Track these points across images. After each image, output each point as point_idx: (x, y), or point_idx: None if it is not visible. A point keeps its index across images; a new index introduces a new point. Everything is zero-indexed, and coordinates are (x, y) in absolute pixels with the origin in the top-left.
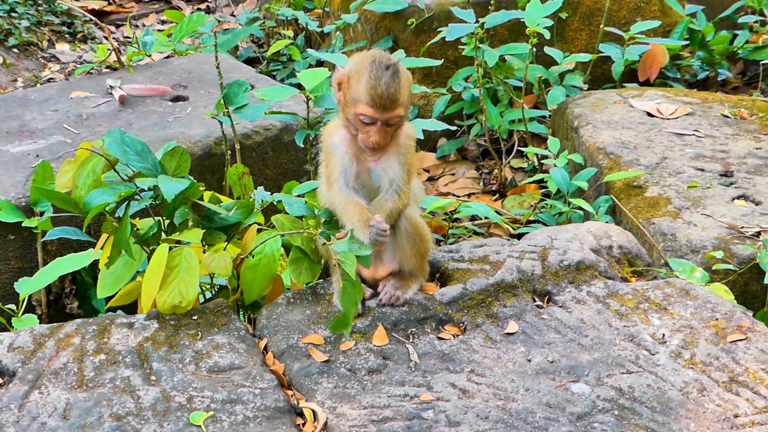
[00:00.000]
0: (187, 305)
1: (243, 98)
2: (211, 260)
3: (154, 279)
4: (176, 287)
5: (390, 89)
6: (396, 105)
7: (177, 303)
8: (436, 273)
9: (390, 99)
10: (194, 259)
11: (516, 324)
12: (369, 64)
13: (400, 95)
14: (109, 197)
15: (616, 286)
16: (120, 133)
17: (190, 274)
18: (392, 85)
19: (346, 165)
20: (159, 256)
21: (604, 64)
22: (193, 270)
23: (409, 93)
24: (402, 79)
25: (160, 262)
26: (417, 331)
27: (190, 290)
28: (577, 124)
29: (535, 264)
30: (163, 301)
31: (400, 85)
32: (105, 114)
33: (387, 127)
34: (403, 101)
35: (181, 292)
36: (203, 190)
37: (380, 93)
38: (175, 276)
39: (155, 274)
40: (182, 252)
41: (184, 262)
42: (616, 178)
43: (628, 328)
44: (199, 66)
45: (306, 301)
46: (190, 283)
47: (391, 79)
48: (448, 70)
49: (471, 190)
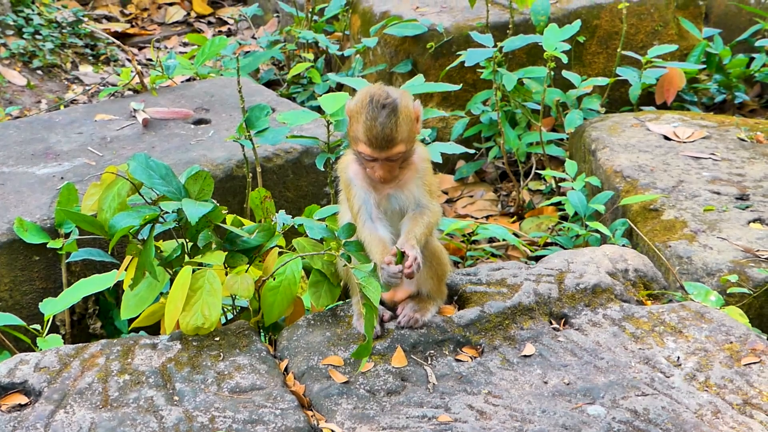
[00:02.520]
0: (209, 327)
1: (264, 122)
2: (233, 282)
3: (178, 300)
4: (199, 309)
5: (386, 129)
6: (394, 143)
7: (200, 324)
8: (454, 295)
9: (386, 139)
10: (217, 281)
11: (533, 346)
12: (366, 104)
13: (398, 133)
14: (133, 220)
15: (632, 309)
16: (145, 158)
17: (212, 296)
18: (388, 124)
19: (365, 197)
20: (182, 278)
21: (621, 87)
22: (216, 292)
23: (411, 127)
24: (400, 116)
25: (184, 283)
26: (435, 353)
27: (212, 312)
28: (595, 147)
29: (552, 287)
30: (186, 323)
31: (398, 123)
32: (128, 137)
33: (390, 162)
34: (402, 138)
35: (204, 314)
36: (226, 213)
37: (376, 134)
38: (198, 298)
39: (178, 295)
40: (205, 274)
41: (207, 284)
42: (633, 202)
43: (643, 351)
44: (221, 89)
45: (326, 323)
46: (213, 305)
47: (387, 119)
48: (467, 93)
49: (489, 212)
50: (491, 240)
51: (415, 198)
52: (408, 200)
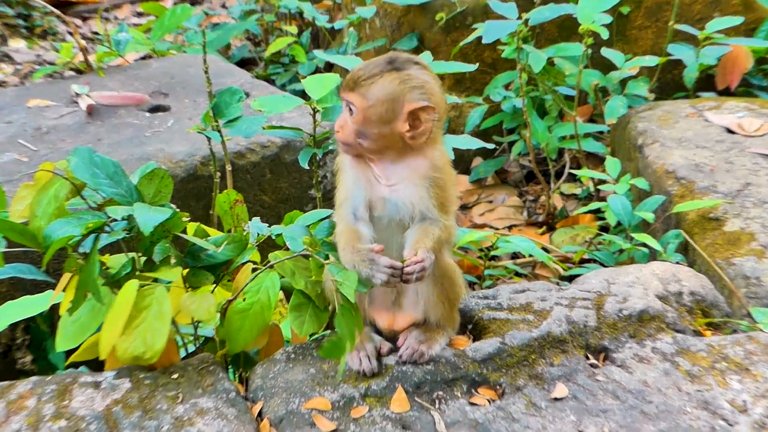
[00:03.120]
0: (151, 357)
1: (236, 109)
2: (191, 302)
3: (118, 321)
4: (141, 334)
5: (359, 71)
6: (356, 87)
7: (139, 353)
8: (468, 324)
9: (352, 78)
10: (166, 302)
11: (565, 387)
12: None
13: (368, 87)
14: (74, 229)
15: (687, 341)
16: (89, 152)
17: (159, 320)
18: (367, 69)
19: (354, 190)
20: (126, 294)
21: (674, 69)
22: (164, 315)
23: (391, 105)
24: (388, 82)
25: (127, 301)
26: (445, 395)
27: (157, 339)
28: (642, 141)
29: (589, 313)
30: (124, 349)
31: (376, 79)
32: (69, 127)
33: (349, 111)
34: (368, 92)
35: (146, 341)
36: (187, 221)
37: (351, 73)
38: (143, 320)
39: (119, 315)
40: (154, 292)
41: (155, 305)
42: (689, 209)
43: (701, 393)
44: (183, 69)
45: (310, 356)
46: (158, 331)
47: (375, 67)
48: (485, 76)
49: (512, 221)
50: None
51: (420, 210)
52: (410, 209)
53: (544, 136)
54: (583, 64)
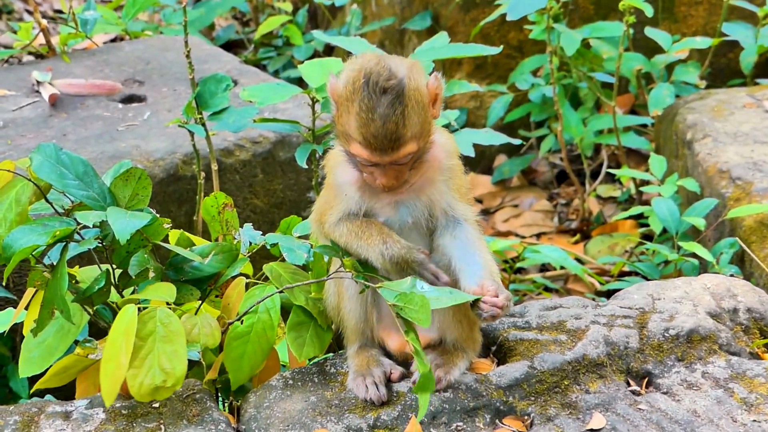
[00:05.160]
0: (174, 384)
1: (222, 99)
2: (192, 326)
3: (120, 355)
4: (155, 362)
5: (389, 125)
6: (401, 143)
7: (160, 383)
8: (491, 345)
9: (390, 138)
10: (175, 321)
11: (602, 417)
12: (361, 86)
13: (407, 129)
14: (38, 237)
15: (744, 364)
16: (54, 149)
17: (172, 342)
18: (392, 118)
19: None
20: (124, 322)
21: (729, 52)
22: (175, 335)
23: (426, 116)
24: (409, 104)
25: (128, 329)
26: (465, 426)
27: (176, 364)
28: (692, 136)
29: (630, 333)
30: (139, 384)
31: (406, 115)
32: (30, 120)
33: (397, 165)
34: (413, 134)
35: (163, 368)
36: (169, 228)
37: (375, 132)
38: (152, 347)
39: (121, 347)
40: (155, 314)
41: (160, 327)
42: (746, 214)
43: (759, 425)
44: (161, 54)
45: (310, 382)
46: (175, 354)
47: (390, 110)
48: (510, 60)
49: (541, 228)
50: (544, 268)
51: (441, 207)
52: (428, 210)
53: (578, 130)
54: (623, 47)
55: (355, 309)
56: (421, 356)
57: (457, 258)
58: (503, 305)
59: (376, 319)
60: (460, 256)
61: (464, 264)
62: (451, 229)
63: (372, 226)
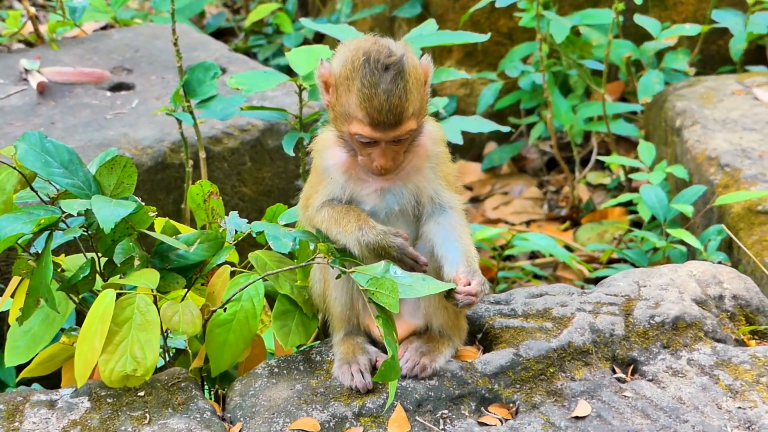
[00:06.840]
0: (144, 374)
1: (211, 87)
2: (172, 313)
3: (94, 338)
4: (128, 349)
5: (393, 99)
6: (403, 118)
7: (130, 372)
8: (477, 332)
9: (394, 113)
10: (152, 310)
11: (588, 404)
12: (362, 64)
13: (409, 104)
14: (23, 226)
15: (729, 351)
16: (40, 137)
17: (146, 331)
18: (395, 92)
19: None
20: (101, 306)
21: (719, 39)
22: (150, 325)
23: (423, 94)
24: (409, 80)
25: (104, 314)
26: (450, 414)
27: (148, 353)
28: (681, 123)
29: (616, 321)
30: (110, 370)
31: (408, 90)
32: (17, 108)
33: (396, 145)
34: (413, 110)
35: (134, 357)
36: (154, 216)
37: (379, 107)
38: (126, 334)
39: (96, 331)
40: (134, 301)
41: (138, 315)
42: (734, 201)
43: (744, 411)
44: (149, 41)
45: (296, 370)
46: (148, 343)
47: (393, 85)
48: (499, 47)
49: (530, 215)
50: (533, 255)
51: (428, 194)
52: (415, 197)
53: (567, 118)
54: (613, 34)
55: (340, 296)
56: (389, 342)
57: (439, 245)
58: (476, 292)
59: (361, 306)
60: (442, 243)
61: (445, 251)
62: (436, 216)
63: (350, 212)
